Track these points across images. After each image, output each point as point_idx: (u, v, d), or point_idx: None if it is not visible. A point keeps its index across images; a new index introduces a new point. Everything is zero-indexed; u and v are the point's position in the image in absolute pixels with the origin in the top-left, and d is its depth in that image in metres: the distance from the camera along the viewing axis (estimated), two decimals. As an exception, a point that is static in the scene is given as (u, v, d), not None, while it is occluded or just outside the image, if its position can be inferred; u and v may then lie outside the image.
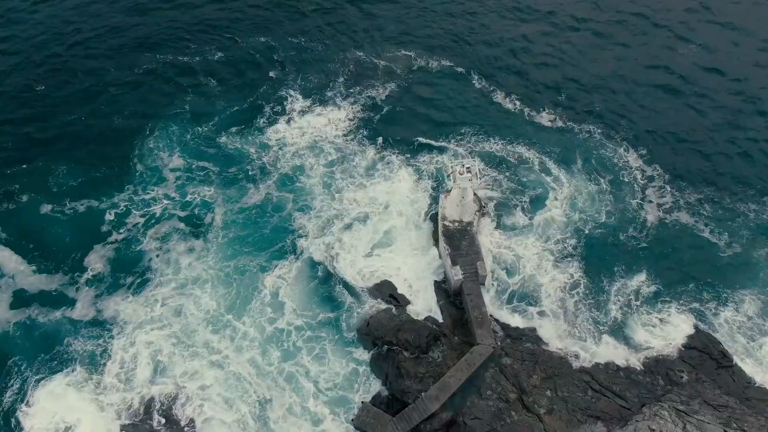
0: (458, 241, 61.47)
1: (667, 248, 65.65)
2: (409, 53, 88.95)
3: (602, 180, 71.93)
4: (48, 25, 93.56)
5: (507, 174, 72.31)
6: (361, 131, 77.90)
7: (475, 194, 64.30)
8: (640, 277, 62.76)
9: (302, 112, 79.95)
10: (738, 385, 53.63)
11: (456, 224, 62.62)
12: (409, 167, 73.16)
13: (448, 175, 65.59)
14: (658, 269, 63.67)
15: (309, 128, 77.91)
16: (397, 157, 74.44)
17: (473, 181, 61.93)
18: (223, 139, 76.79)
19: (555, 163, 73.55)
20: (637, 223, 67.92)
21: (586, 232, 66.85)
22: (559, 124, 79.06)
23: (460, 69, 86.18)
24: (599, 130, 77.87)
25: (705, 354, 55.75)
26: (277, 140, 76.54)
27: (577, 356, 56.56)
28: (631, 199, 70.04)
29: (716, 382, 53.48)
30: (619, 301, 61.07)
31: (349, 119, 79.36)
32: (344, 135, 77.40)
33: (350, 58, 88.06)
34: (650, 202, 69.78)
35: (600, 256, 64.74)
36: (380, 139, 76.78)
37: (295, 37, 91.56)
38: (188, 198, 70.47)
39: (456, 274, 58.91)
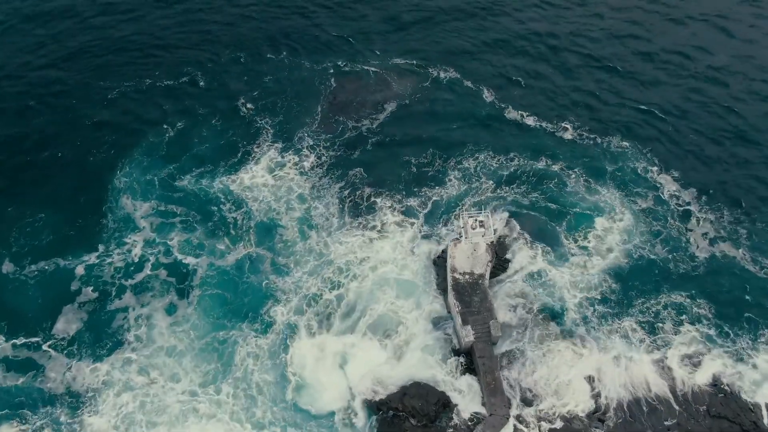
0: (469, 297, 56.47)
1: (707, 278, 61.14)
2: (411, 62, 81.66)
3: (638, 204, 66.73)
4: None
5: (532, 193, 67.35)
6: (350, 167, 69.46)
7: (487, 244, 58.92)
8: (679, 312, 58.65)
9: (281, 150, 71.17)
10: (773, 464, 49.81)
11: (467, 276, 57.48)
12: (408, 202, 66.44)
13: (460, 229, 59.83)
14: (698, 301, 59.36)
15: (290, 169, 69.70)
16: (389, 201, 66.51)
17: (487, 236, 56.44)
18: (192, 182, 68.14)
19: (584, 185, 68.01)
20: (676, 250, 63.14)
21: (622, 260, 62.21)
22: (584, 140, 72.86)
23: (468, 81, 79.25)
24: (629, 147, 71.98)
25: (736, 425, 51.56)
26: (255, 184, 68.04)
27: (599, 419, 52.49)
28: (669, 224, 65.26)
29: (749, 461, 49.66)
30: (649, 337, 57.25)
31: (335, 154, 70.67)
32: (328, 173, 69.05)
33: (343, 70, 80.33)
34: (691, 230, 64.79)
35: (635, 287, 60.48)
36: (372, 177, 68.49)
37: (281, 49, 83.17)
38: (158, 255, 62.98)
39: (467, 335, 54.19)
